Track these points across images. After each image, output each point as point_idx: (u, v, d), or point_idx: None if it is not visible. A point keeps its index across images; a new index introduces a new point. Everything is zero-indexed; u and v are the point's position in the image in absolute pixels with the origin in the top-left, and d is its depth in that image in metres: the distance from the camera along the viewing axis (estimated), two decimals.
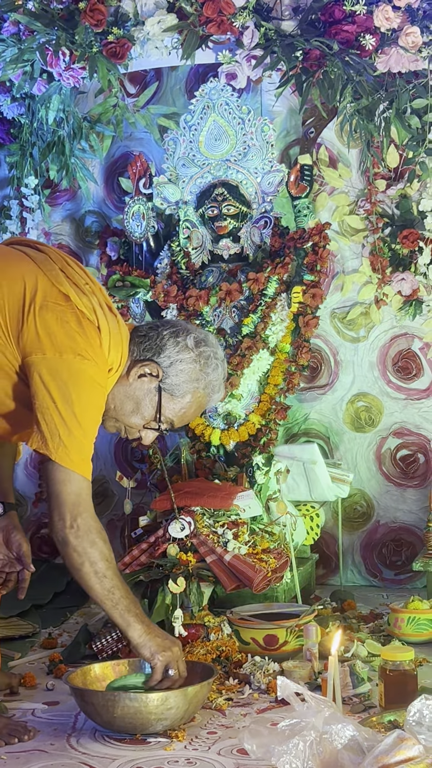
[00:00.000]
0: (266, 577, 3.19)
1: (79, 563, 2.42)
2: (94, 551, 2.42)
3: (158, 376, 2.60)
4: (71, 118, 3.97)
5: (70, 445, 2.39)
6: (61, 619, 3.62)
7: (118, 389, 2.59)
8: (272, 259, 3.77)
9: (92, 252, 4.37)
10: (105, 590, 2.44)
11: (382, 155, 3.77)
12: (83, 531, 2.40)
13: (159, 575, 3.18)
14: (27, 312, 2.43)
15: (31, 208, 4.18)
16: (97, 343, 2.48)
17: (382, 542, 4.09)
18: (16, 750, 2.41)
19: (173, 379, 2.60)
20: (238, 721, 2.59)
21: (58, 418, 2.38)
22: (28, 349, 2.42)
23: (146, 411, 2.61)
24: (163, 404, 2.61)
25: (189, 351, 2.61)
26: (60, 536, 2.41)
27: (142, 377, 2.60)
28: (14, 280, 2.47)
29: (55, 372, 2.39)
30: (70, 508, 2.40)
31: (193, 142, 3.84)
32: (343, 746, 2.03)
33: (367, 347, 4.09)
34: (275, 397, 3.73)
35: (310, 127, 3.88)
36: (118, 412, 2.61)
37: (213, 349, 2.66)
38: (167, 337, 2.62)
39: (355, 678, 2.70)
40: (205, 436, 3.72)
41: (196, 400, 2.65)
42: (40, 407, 2.39)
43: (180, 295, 3.77)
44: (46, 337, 2.41)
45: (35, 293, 2.45)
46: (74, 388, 2.40)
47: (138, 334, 2.64)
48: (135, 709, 2.43)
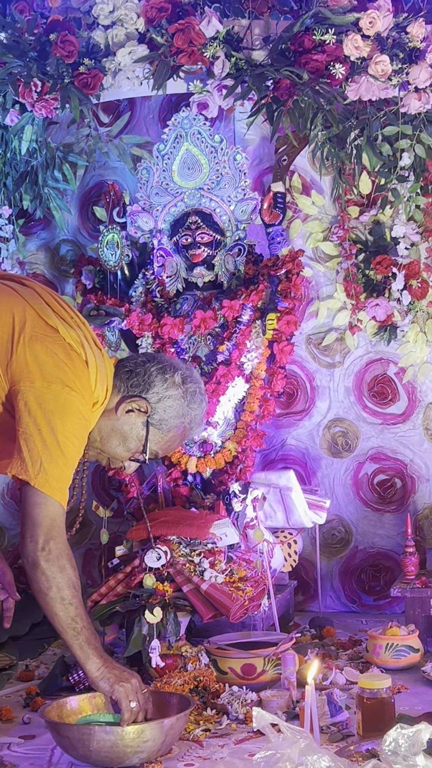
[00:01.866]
0: (243, 605, 3.18)
1: (47, 587, 2.39)
2: (63, 577, 2.40)
3: (147, 412, 2.64)
4: (44, 149, 3.98)
5: (50, 472, 2.39)
6: (38, 651, 3.58)
7: (105, 422, 2.62)
8: (246, 286, 3.78)
9: (67, 281, 4.38)
10: (69, 618, 2.41)
11: (354, 182, 3.80)
12: (54, 555, 2.39)
13: (135, 605, 3.17)
14: (16, 342, 2.45)
15: (6, 238, 4.18)
16: (85, 375, 2.50)
17: (361, 568, 4.09)
18: None
19: (161, 414, 2.65)
20: (216, 752, 2.57)
21: (42, 445, 2.39)
22: (17, 377, 2.43)
23: (132, 444, 2.66)
24: (150, 438, 2.65)
25: (177, 387, 2.66)
26: (30, 558, 2.40)
27: (130, 412, 2.64)
28: (2, 311, 2.49)
29: (42, 401, 2.41)
30: (44, 530, 2.39)
31: (167, 171, 3.85)
32: None
33: (343, 373, 4.11)
34: (251, 424, 3.73)
35: (283, 155, 3.90)
36: (104, 444, 2.65)
37: (197, 384, 2.73)
38: (155, 373, 2.66)
39: (333, 706, 2.69)
40: (182, 464, 3.71)
41: (180, 434, 2.71)
42: (23, 433, 2.40)
43: (155, 323, 3.77)
44: (35, 367, 2.43)
45: (24, 324, 2.47)
46: (60, 418, 2.41)
47: (124, 369, 2.67)
48: (111, 742, 2.41)
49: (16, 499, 4.38)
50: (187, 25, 3.56)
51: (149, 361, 2.70)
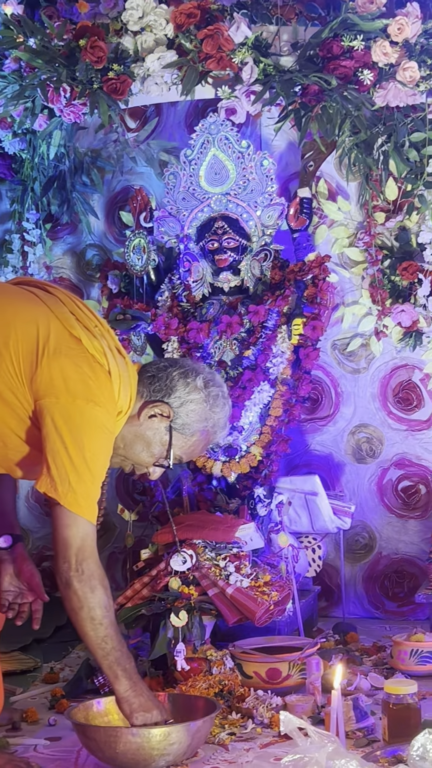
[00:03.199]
0: (268, 610, 3.18)
1: (78, 607, 2.41)
2: (94, 597, 2.41)
3: (169, 417, 2.63)
4: (72, 154, 4.01)
5: (78, 491, 2.40)
6: (62, 654, 3.60)
7: (128, 429, 2.62)
8: (272, 291, 3.79)
9: (93, 285, 4.40)
10: (98, 638, 2.42)
11: (380, 188, 3.80)
12: (86, 576, 2.40)
13: (161, 609, 3.17)
14: (41, 355, 2.44)
15: (33, 242, 4.21)
16: (108, 387, 2.50)
17: (385, 574, 4.08)
18: None
19: (184, 419, 2.64)
20: (241, 756, 2.57)
21: (69, 463, 2.39)
22: (42, 392, 2.43)
23: (156, 449, 2.65)
24: (173, 443, 2.65)
25: (199, 391, 2.66)
26: (64, 578, 2.41)
27: (152, 417, 2.63)
28: (27, 322, 2.48)
29: (67, 417, 2.41)
30: (75, 551, 2.41)
31: (193, 176, 3.87)
32: None
33: (368, 378, 4.11)
34: (276, 429, 3.73)
35: (309, 161, 3.90)
36: (128, 451, 2.64)
37: (220, 388, 2.71)
38: (177, 377, 2.65)
39: (358, 712, 2.69)
40: (207, 468, 3.72)
41: (203, 438, 2.70)
42: (51, 451, 2.40)
43: (181, 328, 3.78)
44: (60, 382, 2.43)
45: (48, 337, 2.47)
46: (86, 434, 2.42)
47: (146, 375, 2.67)
48: (137, 744, 2.42)
49: (40, 502, 4.40)
50: (215, 31, 3.58)
51: (171, 366, 2.70)
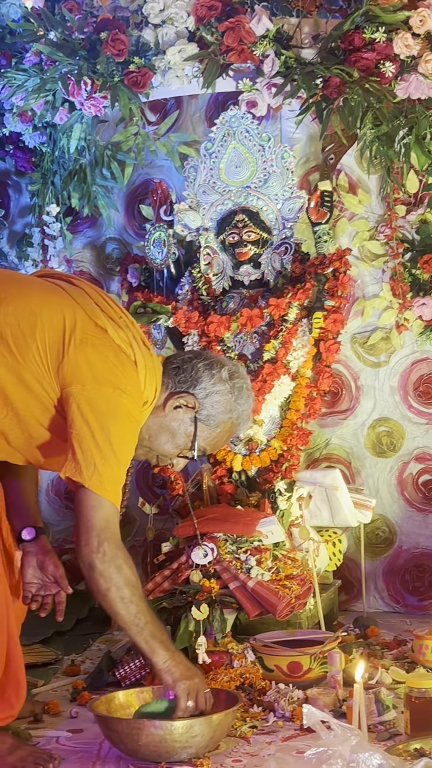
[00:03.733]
0: (290, 603, 3.18)
1: (105, 588, 2.42)
2: (120, 577, 2.42)
3: (194, 408, 2.66)
4: (92, 147, 4.00)
5: (104, 474, 2.41)
6: (83, 646, 3.61)
7: (153, 420, 2.64)
8: (293, 284, 3.78)
9: (113, 279, 4.40)
10: (131, 615, 2.44)
11: (401, 181, 3.79)
12: (110, 556, 2.41)
13: (182, 602, 3.18)
14: (67, 344, 2.47)
15: (53, 236, 4.21)
16: (134, 376, 2.52)
17: (405, 568, 4.07)
18: None
19: (209, 410, 2.67)
20: (263, 749, 2.57)
21: (95, 447, 2.41)
22: (68, 380, 2.45)
23: (181, 440, 2.67)
24: (198, 434, 2.67)
25: (224, 383, 2.68)
26: (87, 561, 2.42)
27: (177, 408, 2.66)
28: (53, 312, 2.50)
29: (94, 403, 2.43)
30: (98, 532, 2.41)
31: (214, 170, 3.86)
32: None
33: (388, 372, 4.09)
34: (296, 423, 3.73)
35: (330, 154, 3.89)
36: (153, 442, 2.66)
37: (244, 380, 2.74)
38: (202, 369, 2.68)
39: (380, 705, 2.69)
40: (227, 462, 3.72)
41: (227, 429, 2.73)
42: (76, 436, 2.42)
43: (201, 321, 3.78)
44: (86, 370, 2.45)
45: (75, 326, 2.49)
46: (112, 420, 2.43)
47: (171, 366, 2.69)
48: (160, 737, 2.42)
49: (60, 495, 4.41)
50: (237, 23, 3.57)
51: (196, 358, 2.73)
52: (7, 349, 2.46)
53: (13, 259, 4.37)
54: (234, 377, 2.71)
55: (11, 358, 2.46)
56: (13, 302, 2.50)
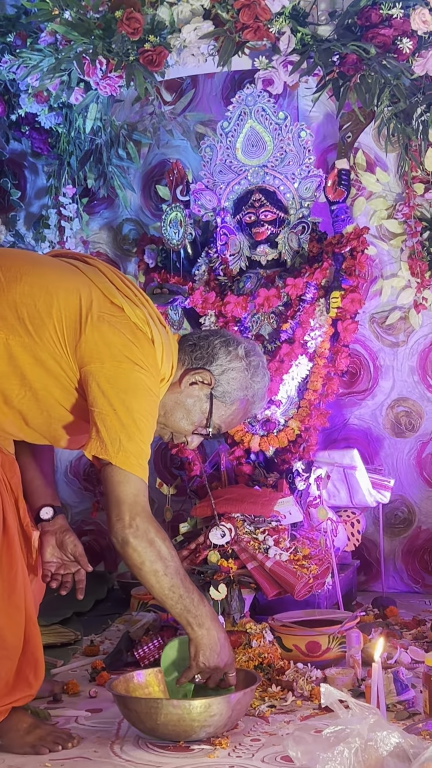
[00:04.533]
0: (308, 583, 3.17)
1: (140, 562, 2.44)
2: (153, 550, 2.43)
3: (210, 384, 2.66)
4: (108, 127, 3.99)
5: (130, 449, 2.42)
6: (102, 627, 3.62)
7: (169, 397, 2.64)
8: (310, 264, 3.76)
9: (130, 260, 4.39)
10: (165, 589, 2.46)
11: (420, 159, 3.76)
12: (142, 530, 2.42)
13: (200, 582, 3.17)
14: (84, 323, 2.47)
15: (69, 217, 4.20)
16: (152, 354, 2.52)
17: (424, 548, 4.06)
18: (60, 757, 2.42)
19: (225, 387, 2.67)
20: (282, 728, 2.57)
21: (119, 423, 2.41)
22: (86, 358, 2.46)
23: (196, 417, 2.68)
24: (213, 411, 2.67)
25: (240, 360, 2.68)
26: (119, 536, 2.43)
27: (193, 385, 2.66)
28: (69, 291, 2.51)
29: (114, 380, 2.43)
30: (129, 507, 2.42)
31: (230, 149, 3.84)
32: (388, 753, 2.02)
33: (407, 352, 4.07)
34: (314, 403, 3.72)
35: (347, 132, 3.86)
36: (168, 418, 2.67)
37: (260, 358, 2.75)
38: (219, 346, 2.68)
39: (399, 684, 2.68)
40: (245, 442, 3.71)
41: (243, 407, 2.73)
42: (99, 414, 2.42)
43: (218, 302, 3.76)
44: (104, 347, 2.45)
45: (91, 305, 2.49)
46: (133, 396, 2.44)
47: (188, 343, 2.70)
48: (178, 716, 2.43)
49: (78, 477, 4.42)
50: (252, 0, 3.53)
51: (213, 335, 2.73)
52: (24, 329, 2.46)
53: (30, 241, 4.37)
54: (250, 355, 2.71)
55: (28, 338, 2.46)
56: (28, 282, 2.50)
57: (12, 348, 2.46)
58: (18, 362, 2.47)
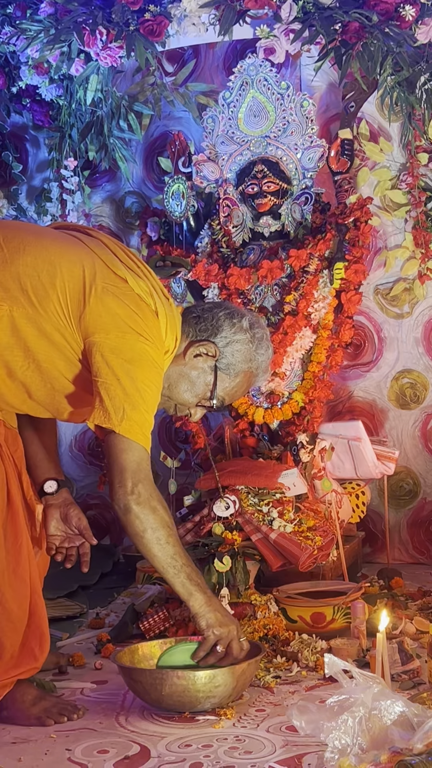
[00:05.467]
0: (312, 555, 3.17)
1: (141, 530, 2.43)
2: (156, 518, 2.43)
3: (215, 356, 2.66)
4: (109, 98, 3.96)
5: (134, 419, 2.42)
6: (108, 600, 3.63)
7: (173, 368, 2.64)
8: (313, 235, 3.74)
9: (133, 233, 4.37)
10: (167, 557, 2.45)
11: (424, 128, 3.73)
12: (144, 498, 2.42)
13: (205, 554, 3.17)
14: (88, 294, 2.47)
15: (71, 190, 4.17)
16: (156, 325, 2.52)
17: (429, 519, 4.06)
18: (65, 729, 2.42)
19: (229, 358, 2.67)
20: (287, 698, 2.58)
21: (123, 393, 2.41)
22: (91, 329, 2.45)
23: (200, 389, 2.67)
24: (217, 383, 2.67)
25: (244, 332, 2.68)
26: (122, 503, 2.42)
27: (198, 357, 2.66)
28: (73, 263, 2.50)
29: (118, 351, 2.43)
30: (131, 474, 2.42)
31: (232, 120, 3.81)
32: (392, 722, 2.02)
33: (412, 323, 4.05)
34: (319, 375, 3.70)
35: (351, 101, 3.83)
36: (172, 390, 2.66)
37: (264, 331, 2.74)
38: (223, 318, 2.68)
39: (403, 655, 2.68)
40: (249, 415, 3.70)
41: (246, 380, 2.72)
42: (103, 384, 2.42)
43: (221, 274, 3.75)
44: (108, 318, 2.45)
45: (94, 276, 2.49)
46: (137, 367, 2.44)
47: (192, 315, 2.69)
48: (183, 687, 2.43)
49: (84, 451, 4.42)
50: None
51: (217, 307, 2.73)
52: (28, 300, 2.45)
53: (32, 215, 4.35)
54: (254, 327, 2.71)
55: (32, 309, 2.45)
56: (32, 253, 2.49)
57: (16, 320, 2.45)
58: (22, 334, 2.46)
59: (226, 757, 2.20)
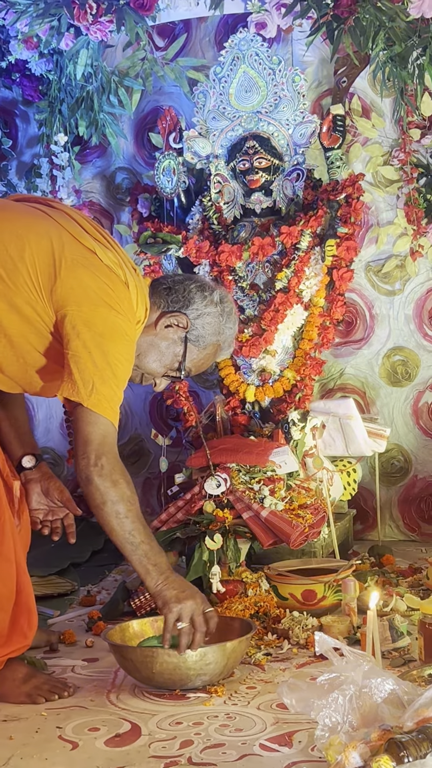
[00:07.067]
0: (303, 532, 3.17)
1: (101, 502, 2.40)
2: (116, 492, 2.40)
3: (186, 327, 2.67)
4: (99, 73, 3.93)
5: (102, 392, 2.41)
6: (99, 577, 3.63)
7: (144, 338, 2.64)
8: (305, 212, 3.72)
9: (123, 209, 4.34)
10: (125, 532, 2.42)
11: (416, 103, 3.71)
12: (107, 471, 2.40)
13: (196, 532, 3.18)
14: (58, 267, 2.45)
15: (61, 166, 4.15)
16: (127, 296, 2.52)
17: (420, 497, 4.06)
18: (56, 706, 2.42)
19: (199, 330, 2.68)
20: (277, 676, 2.58)
21: (93, 366, 2.40)
22: (62, 302, 2.44)
23: (168, 360, 2.68)
24: (186, 354, 2.68)
25: (215, 305, 2.70)
26: (84, 474, 2.41)
27: (168, 327, 2.67)
28: (40, 235, 2.48)
29: (90, 324, 2.42)
30: (95, 447, 2.40)
31: (224, 95, 3.78)
32: (382, 700, 2.02)
33: (403, 300, 4.04)
34: (310, 353, 3.69)
35: (342, 77, 3.80)
36: (141, 360, 2.66)
37: (232, 306, 2.77)
38: (194, 290, 2.69)
39: (394, 632, 2.69)
40: (240, 393, 3.70)
41: (213, 352, 2.75)
42: (73, 357, 2.41)
43: (212, 251, 3.73)
44: (80, 291, 2.44)
45: (63, 248, 2.47)
46: (109, 340, 2.43)
47: (162, 287, 2.70)
48: (174, 664, 2.43)
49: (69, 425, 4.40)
50: None
51: (187, 280, 2.74)
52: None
53: (21, 190, 4.32)
54: (224, 301, 2.74)
55: (1, 284, 2.44)
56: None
57: None
58: None
59: (217, 735, 2.20)
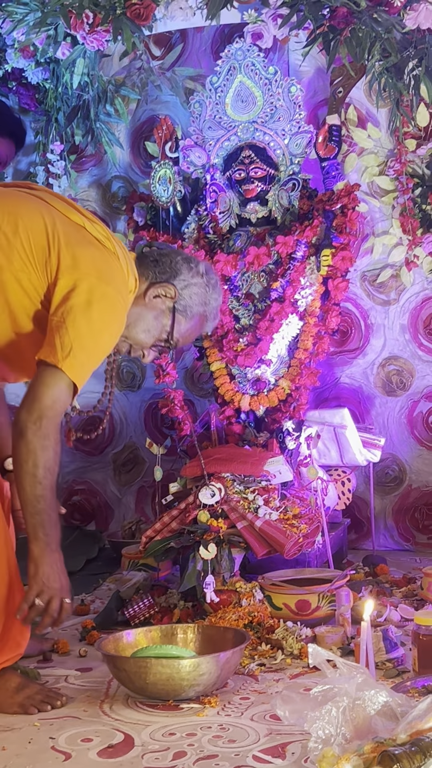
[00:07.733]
0: (297, 542, 3.17)
1: (24, 459, 2.38)
2: (42, 455, 2.38)
3: (173, 298, 2.73)
4: (96, 82, 3.93)
5: (79, 358, 2.43)
6: (93, 586, 3.63)
7: (133, 309, 2.68)
8: (301, 221, 3.72)
9: (119, 218, 4.35)
10: (33, 496, 2.38)
11: (411, 114, 3.71)
12: (43, 432, 2.38)
13: (190, 542, 3.17)
14: (52, 242, 2.50)
15: (57, 174, 4.15)
16: (118, 267, 2.58)
17: (415, 506, 4.06)
18: (49, 717, 2.42)
19: (187, 300, 2.75)
20: (271, 686, 2.58)
21: (75, 332, 2.42)
22: (56, 273, 2.48)
23: (157, 330, 2.74)
24: (174, 324, 2.75)
25: (201, 276, 2.78)
26: (19, 426, 2.39)
27: (157, 297, 2.72)
28: (31, 211, 2.54)
29: (79, 292, 2.46)
30: (42, 406, 2.39)
31: (220, 104, 3.79)
32: (376, 712, 2.02)
33: (398, 310, 4.05)
34: (305, 362, 3.70)
35: (338, 87, 3.81)
36: (130, 330, 2.71)
37: (216, 278, 2.85)
38: (181, 262, 2.77)
39: (388, 643, 2.69)
40: (235, 402, 3.70)
41: (200, 323, 2.82)
42: (58, 322, 2.44)
43: (208, 260, 3.73)
44: (72, 264, 2.48)
45: (55, 224, 2.52)
46: (96, 309, 2.46)
47: (149, 259, 2.76)
48: (167, 675, 2.43)
49: None
50: None
51: (173, 252, 2.82)
52: None
53: None
54: (209, 273, 2.81)
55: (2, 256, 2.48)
56: None
57: None
58: None
59: (210, 746, 2.20)
